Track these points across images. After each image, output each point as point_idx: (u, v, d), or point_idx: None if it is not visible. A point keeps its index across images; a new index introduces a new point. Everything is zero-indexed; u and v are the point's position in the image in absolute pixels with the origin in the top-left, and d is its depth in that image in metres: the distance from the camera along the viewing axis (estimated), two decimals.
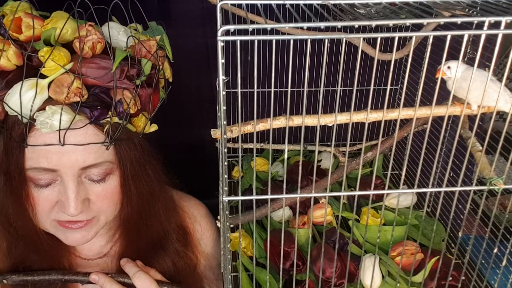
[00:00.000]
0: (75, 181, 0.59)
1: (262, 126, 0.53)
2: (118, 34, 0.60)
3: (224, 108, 0.44)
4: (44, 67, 0.54)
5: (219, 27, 0.39)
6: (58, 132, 0.55)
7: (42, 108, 0.55)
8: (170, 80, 0.68)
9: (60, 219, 0.62)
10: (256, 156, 1.06)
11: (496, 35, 0.43)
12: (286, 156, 0.49)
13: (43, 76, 0.55)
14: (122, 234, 0.72)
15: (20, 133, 0.56)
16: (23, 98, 0.54)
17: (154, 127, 0.66)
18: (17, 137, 0.57)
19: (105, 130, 0.58)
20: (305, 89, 0.44)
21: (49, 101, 0.55)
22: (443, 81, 0.48)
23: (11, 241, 0.67)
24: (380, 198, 0.90)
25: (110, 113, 0.57)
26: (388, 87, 0.47)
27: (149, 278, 0.67)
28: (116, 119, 0.58)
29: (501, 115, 1.37)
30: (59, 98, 0.54)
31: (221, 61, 0.41)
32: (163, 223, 0.73)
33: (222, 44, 0.40)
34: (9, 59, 0.55)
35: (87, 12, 0.56)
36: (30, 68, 0.55)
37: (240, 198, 0.52)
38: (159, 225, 0.73)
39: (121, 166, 0.63)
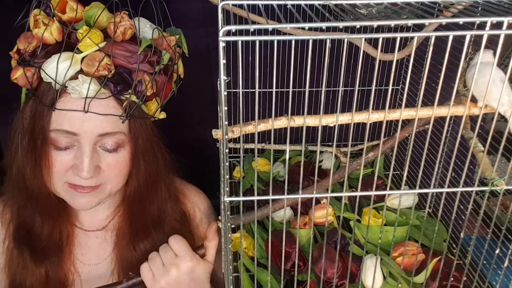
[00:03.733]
0: (91, 146, 0.65)
1: (263, 126, 0.53)
2: (145, 27, 0.69)
3: (226, 108, 0.44)
4: (80, 42, 0.63)
5: (220, 28, 0.39)
6: (84, 100, 0.62)
7: (74, 78, 0.63)
8: (182, 76, 0.75)
9: (72, 182, 0.68)
10: (258, 156, 1.06)
11: (498, 36, 0.43)
12: (287, 156, 0.49)
13: (79, 52, 0.64)
14: (124, 209, 0.77)
15: (51, 98, 0.64)
16: (59, 66, 0.62)
17: (163, 115, 0.73)
18: (47, 102, 0.64)
19: (124, 105, 0.66)
20: (307, 89, 0.43)
21: (81, 73, 0.63)
22: (445, 82, 0.48)
23: (22, 202, 0.73)
24: (381, 198, 0.90)
25: (130, 91, 0.65)
26: (390, 88, 0.47)
27: (183, 240, 0.73)
28: (134, 98, 0.66)
29: (503, 116, 1.37)
30: (90, 71, 0.63)
31: (222, 61, 0.41)
32: (164, 201, 0.78)
33: (224, 44, 0.40)
34: (51, 33, 0.63)
35: (118, 6, 0.64)
36: (68, 45, 0.64)
37: (241, 198, 0.52)
38: (160, 202, 0.78)
39: (133, 141, 0.69)
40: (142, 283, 0.72)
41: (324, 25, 0.40)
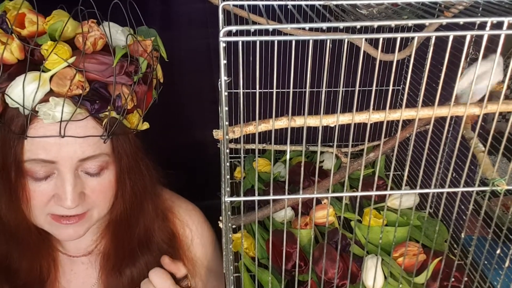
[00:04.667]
0: (72, 173, 0.60)
1: (264, 126, 0.53)
2: (116, 33, 0.62)
3: (226, 108, 0.44)
4: (47, 60, 0.56)
5: (221, 28, 0.39)
6: (59, 124, 0.56)
7: (44, 100, 0.56)
8: (161, 81, 0.70)
9: (55, 213, 0.62)
10: (258, 156, 1.06)
11: (498, 36, 0.43)
12: (288, 156, 0.49)
13: (46, 70, 0.57)
14: (110, 232, 0.73)
15: (20, 125, 0.57)
16: (26, 89, 0.55)
17: (146, 125, 0.68)
18: (17, 129, 0.57)
19: (103, 124, 0.60)
20: (307, 89, 0.43)
21: (51, 93, 0.57)
22: (445, 82, 0.48)
23: None
24: (382, 198, 0.90)
25: (109, 107, 0.59)
26: (390, 88, 0.47)
27: (165, 273, 0.68)
28: (114, 114, 0.60)
29: (504, 116, 1.37)
30: (61, 91, 0.56)
31: (223, 62, 0.41)
32: (151, 221, 0.73)
33: (224, 45, 0.40)
34: (12, 52, 0.56)
35: (83, 12, 0.57)
36: (32, 63, 0.57)
37: (242, 198, 0.52)
38: (146, 222, 0.73)
39: (117, 160, 0.64)
40: None
41: (324, 25, 0.40)
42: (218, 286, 0.85)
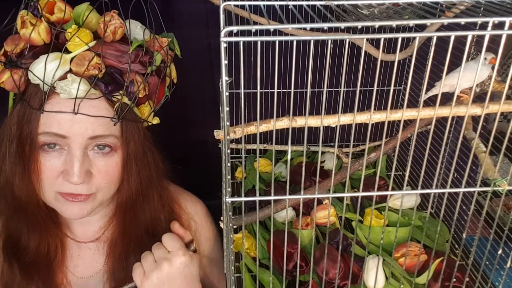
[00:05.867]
0: (81, 150, 0.63)
1: (265, 127, 0.53)
2: (136, 28, 0.67)
3: (227, 109, 0.44)
4: (69, 42, 0.61)
5: (222, 28, 0.39)
6: (74, 101, 0.61)
7: (62, 78, 0.61)
8: (175, 81, 0.73)
9: (62, 190, 0.65)
10: (259, 157, 1.06)
11: (500, 36, 0.43)
12: (289, 157, 0.49)
13: (68, 52, 0.62)
14: (117, 219, 0.75)
15: (38, 100, 0.62)
16: (47, 66, 0.60)
17: (156, 120, 0.71)
18: (35, 104, 0.62)
19: (115, 107, 0.64)
20: (308, 90, 0.43)
21: (70, 73, 0.61)
22: None
23: (9, 214, 0.70)
24: (383, 199, 0.90)
25: (121, 92, 0.64)
26: (392, 88, 0.47)
27: (176, 236, 0.71)
28: (125, 100, 0.64)
29: (505, 116, 1.37)
30: (79, 71, 0.61)
31: (224, 62, 0.41)
32: (156, 210, 0.76)
33: (225, 45, 0.40)
34: (39, 33, 0.62)
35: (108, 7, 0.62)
36: (56, 46, 0.62)
37: (243, 199, 0.52)
38: (152, 211, 0.75)
39: (125, 145, 0.67)
40: None
41: (325, 25, 0.40)
42: (220, 277, 0.86)
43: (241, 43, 0.40)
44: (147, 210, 0.74)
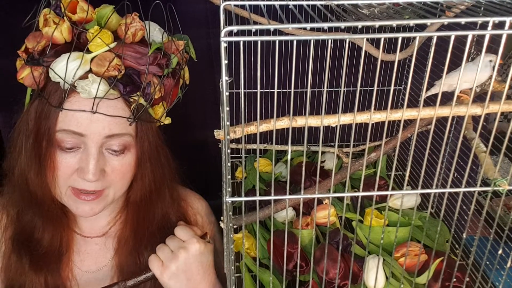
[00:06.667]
0: (97, 148, 0.65)
1: (265, 127, 0.53)
2: (154, 30, 0.69)
3: (227, 109, 0.44)
4: (91, 42, 0.63)
5: (222, 28, 0.39)
6: (93, 101, 0.62)
7: (83, 78, 0.62)
8: (187, 82, 0.75)
9: (76, 186, 0.67)
10: (260, 157, 1.06)
11: (500, 36, 0.43)
12: (289, 157, 0.49)
13: (89, 52, 0.63)
14: (127, 215, 0.77)
15: (58, 98, 0.63)
16: (69, 65, 0.61)
17: (168, 120, 0.73)
18: (54, 102, 0.63)
19: (132, 107, 0.66)
20: (309, 89, 0.43)
21: (90, 73, 0.63)
22: None
23: (23, 207, 0.72)
24: (383, 199, 0.90)
25: (138, 93, 0.65)
26: (392, 88, 0.46)
27: (188, 227, 0.73)
28: (142, 100, 0.66)
29: (505, 116, 1.37)
30: (99, 71, 0.62)
31: (224, 62, 0.41)
32: (167, 208, 0.78)
33: (226, 45, 0.40)
34: (61, 32, 0.63)
35: (129, 8, 0.64)
36: (77, 46, 0.63)
37: (243, 199, 0.52)
38: (163, 209, 0.77)
39: (140, 144, 0.69)
40: (150, 279, 0.71)
41: (326, 25, 0.40)
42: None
43: (241, 43, 0.40)
44: (160, 207, 0.76)
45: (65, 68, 0.61)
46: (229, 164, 0.49)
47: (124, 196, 0.75)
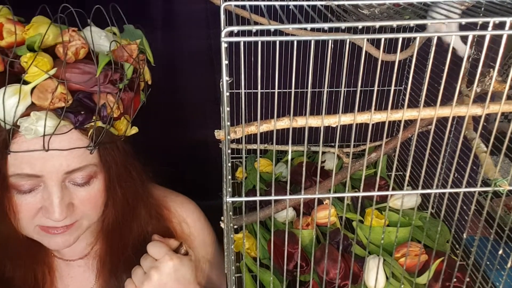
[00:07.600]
0: (59, 186, 0.59)
1: (265, 127, 0.53)
2: (100, 38, 0.60)
3: (228, 109, 0.44)
4: (27, 73, 0.53)
5: (222, 28, 0.39)
6: (43, 138, 0.55)
7: (25, 114, 0.54)
8: (149, 83, 0.68)
9: (44, 224, 0.61)
10: (260, 157, 1.06)
11: (500, 36, 0.43)
12: (290, 157, 0.49)
13: (26, 82, 0.54)
14: (104, 237, 0.72)
15: (3, 140, 0.56)
16: (6, 104, 0.53)
17: (134, 130, 0.66)
18: None
19: (89, 134, 0.58)
20: (309, 90, 0.43)
21: (32, 107, 0.55)
22: (447, 82, 0.48)
23: None
24: (384, 199, 0.90)
25: (94, 117, 0.57)
26: (392, 88, 0.46)
27: (161, 243, 0.69)
28: (99, 123, 0.58)
29: (506, 116, 1.37)
30: (43, 104, 0.54)
31: (224, 62, 0.41)
32: (145, 225, 0.73)
33: (226, 45, 0.40)
34: None
35: (64, 13, 0.55)
36: (12, 75, 0.54)
37: (243, 199, 0.52)
38: (141, 227, 0.72)
39: (106, 169, 0.63)
40: None
41: (326, 25, 0.40)
42: (218, 276, 0.85)
43: (242, 43, 0.40)
44: (134, 228, 0.72)
45: (3, 106, 0.52)
46: (229, 164, 0.49)
47: (100, 219, 0.69)
